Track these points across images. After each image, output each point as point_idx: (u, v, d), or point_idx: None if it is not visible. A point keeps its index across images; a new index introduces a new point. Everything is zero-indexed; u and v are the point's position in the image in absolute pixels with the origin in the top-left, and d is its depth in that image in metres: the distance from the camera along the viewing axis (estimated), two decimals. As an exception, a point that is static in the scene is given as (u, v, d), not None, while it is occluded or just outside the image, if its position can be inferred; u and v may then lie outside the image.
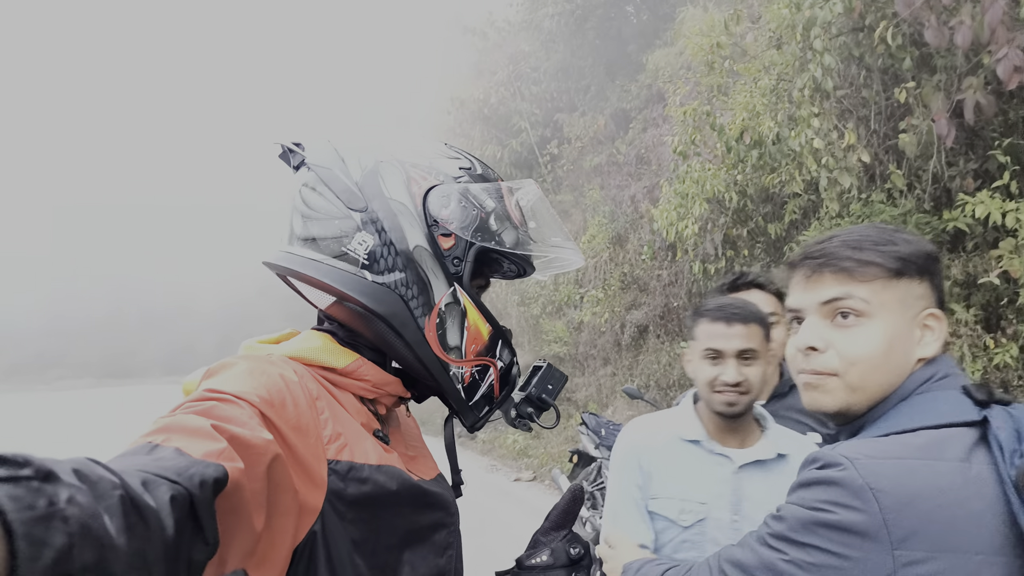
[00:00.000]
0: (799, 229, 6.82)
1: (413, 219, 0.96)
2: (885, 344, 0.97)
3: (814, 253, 1.03)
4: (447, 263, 0.97)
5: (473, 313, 0.98)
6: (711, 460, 1.64)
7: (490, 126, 15.94)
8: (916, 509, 0.83)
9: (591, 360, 11.05)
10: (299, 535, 0.79)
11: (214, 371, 0.84)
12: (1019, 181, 5.04)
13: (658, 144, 10.98)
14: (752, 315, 1.61)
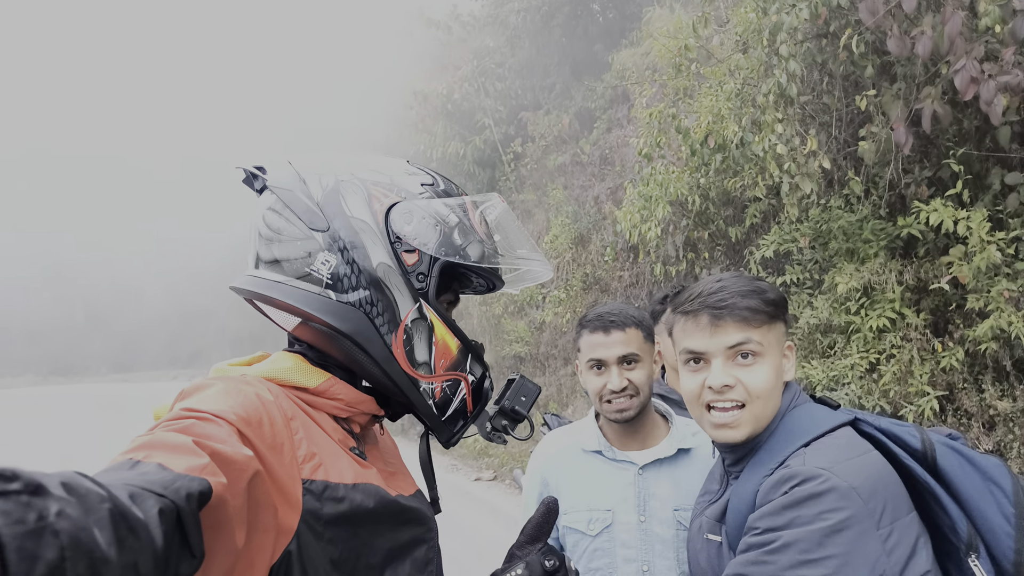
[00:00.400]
0: (759, 233, 6.91)
1: (376, 237, 0.96)
2: (775, 376, 1.22)
3: (713, 303, 1.21)
4: (412, 279, 0.97)
5: (440, 328, 0.98)
6: (614, 467, 1.69)
7: (453, 122, 15.81)
8: (878, 494, 1.05)
9: (552, 360, 11.05)
10: (275, 555, 0.77)
11: (188, 392, 0.83)
12: (971, 190, 5.18)
13: (622, 145, 11.03)
14: (630, 319, 1.64)
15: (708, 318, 1.21)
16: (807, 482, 1.05)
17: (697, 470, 1.65)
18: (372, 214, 0.97)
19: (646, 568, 1.63)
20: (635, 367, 1.65)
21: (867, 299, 5.63)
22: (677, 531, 1.62)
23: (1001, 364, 5.05)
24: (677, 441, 1.70)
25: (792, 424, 1.20)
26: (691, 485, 1.62)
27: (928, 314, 5.57)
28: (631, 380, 1.63)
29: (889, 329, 5.45)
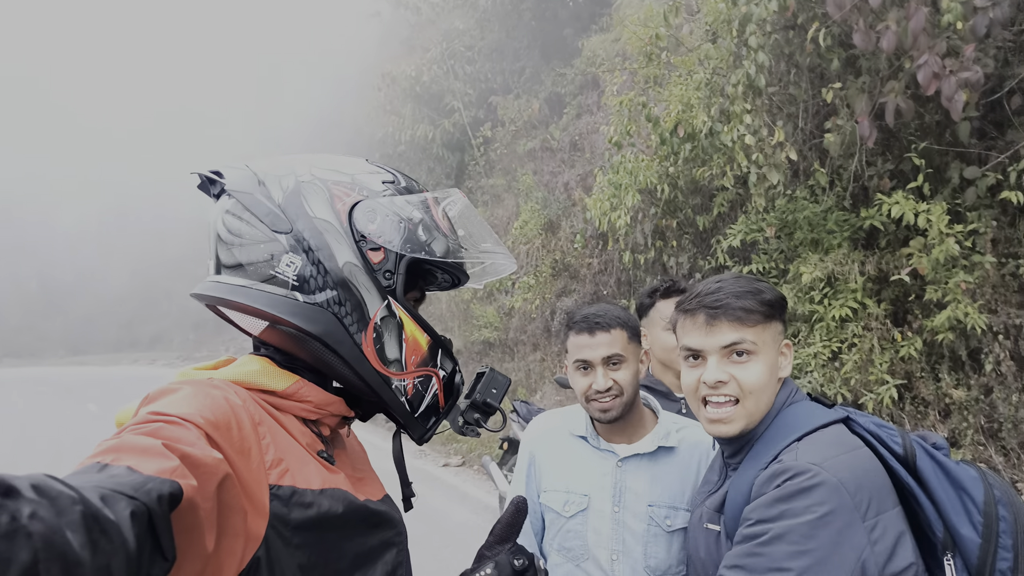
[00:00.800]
0: (726, 222, 6.99)
1: (340, 236, 0.95)
2: (768, 373, 1.28)
3: (710, 303, 1.28)
4: (379, 277, 0.96)
5: (410, 325, 0.98)
6: (596, 454, 1.74)
7: (422, 104, 15.63)
8: (864, 488, 1.12)
9: (521, 346, 11.08)
10: (244, 561, 0.77)
11: (154, 396, 0.82)
12: (931, 184, 5.30)
13: (592, 131, 11.03)
14: (615, 320, 1.68)
15: (704, 317, 1.29)
16: (798, 476, 1.11)
17: (677, 468, 1.70)
18: (335, 214, 0.96)
19: (615, 557, 1.67)
20: (620, 367, 1.67)
21: (830, 289, 5.75)
22: (648, 526, 1.65)
23: (957, 354, 5.21)
24: (659, 438, 1.72)
25: (787, 420, 1.27)
26: (669, 483, 1.67)
27: (888, 304, 5.71)
28: (616, 380, 1.66)
29: (851, 319, 5.58)
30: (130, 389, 20.35)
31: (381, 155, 16.36)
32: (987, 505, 1.17)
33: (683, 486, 1.69)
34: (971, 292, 5.01)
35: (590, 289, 9.73)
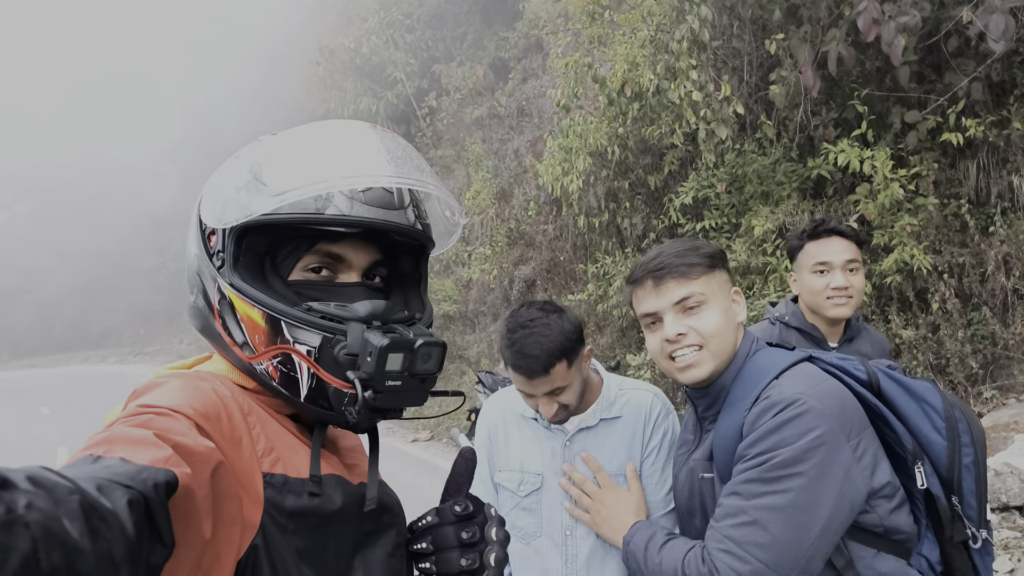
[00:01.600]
0: (677, 180, 7.02)
1: (193, 232, 0.94)
2: (724, 318, 1.35)
3: (653, 267, 1.36)
4: (213, 260, 0.90)
5: (239, 303, 0.87)
6: (546, 434, 1.79)
7: (363, 77, 15.26)
8: (846, 411, 1.22)
9: (481, 317, 11.06)
10: (242, 549, 0.76)
11: (142, 390, 0.81)
12: (874, 130, 5.39)
13: (539, 96, 10.93)
14: (551, 357, 1.57)
15: (652, 282, 1.37)
16: (789, 406, 1.20)
17: (622, 434, 1.76)
18: (195, 213, 0.95)
19: (568, 532, 1.73)
20: (563, 393, 1.64)
21: (782, 240, 5.84)
22: None
23: (905, 295, 5.36)
24: (602, 410, 1.77)
25: (758, 364, 1.34)
26: (615, 450, 1.73)
27: (838, 251, 5.82)
28: (560, 402, 1.65)
29: (802, 268, 5.68)
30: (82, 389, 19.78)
31: (325, 132, 15.93)
32: (946, 409, 1.33)
33: (629, 451, 1.74)
34: (916, 234, 5.14)
35: (547, 256, 9.72)
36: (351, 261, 0.92)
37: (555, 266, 9.60)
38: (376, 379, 0.83)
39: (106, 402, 1.09)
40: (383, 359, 0.83)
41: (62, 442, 11.03)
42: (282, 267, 0.91)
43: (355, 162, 0.87)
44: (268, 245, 0.90)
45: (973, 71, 4.84)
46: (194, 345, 25.06)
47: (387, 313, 0.90)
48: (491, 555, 0.93)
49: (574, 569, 1.72)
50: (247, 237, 0.88)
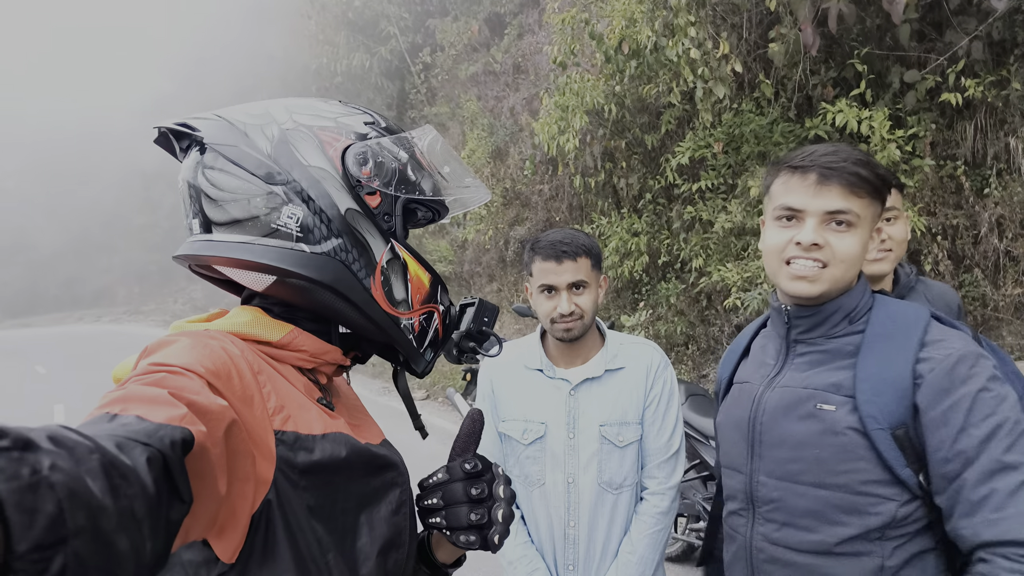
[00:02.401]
0: (674, 140, 6.97)
1: (337, 183, 0.95)
2: (862, 250, 1.25)
3: (824, 163, 1.21)
4: (379, 221, 0.97)
5: (413, 265, 1.00)
6: (550, 384, 1.85)
7: (356, 32, 14.94)
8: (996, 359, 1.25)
9: (477, 278, 11.08)
10: (255, 504, 0.79)
11: (153, 349, 0.81)
12: (873, 89, 5.34)
13: (535, 52, 10.74)
14: (580, 248, 1.76)
15: (816, 176, 1.22)
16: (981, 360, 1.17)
17: (625, 385, 1.83)
18: (329, 160, 0.95)
19: (571, 480, 1.80)
20: (583, 293, 1.77)
21: (778, 201, 5.83)
22: (601, 445, 1.79)
23: (899, 256, 5.38)
24: (606, 361, 1.84)
25: (895, 308, 1.28)
26: (618, 400, 1.81)
27: (833, 212, 5.82)
28: (578, 305, 1.76)
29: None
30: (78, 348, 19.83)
31: (317, 88, 15.69)
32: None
33: (632, 401, 1.82)
34: (911, 196, 5.14)
35: (542, 216, 9.70)
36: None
37: (551, 227, 9.57)
38: (484, 334, 1.11)
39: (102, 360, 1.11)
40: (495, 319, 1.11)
41: (59, 400, 11.14)
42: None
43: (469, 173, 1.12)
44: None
45: (974, 29, 4.78)
46: (188, 304, 25.07)
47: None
48: (499, 511, 0.98)
49: (576, 515, 1.80)
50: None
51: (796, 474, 1.26)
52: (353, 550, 0.91)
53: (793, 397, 1.29)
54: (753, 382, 1.39)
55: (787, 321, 1.33)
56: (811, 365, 1.30)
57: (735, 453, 1.39)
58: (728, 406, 1.47)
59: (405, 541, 1.00)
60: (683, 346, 7.11)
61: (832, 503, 1.21)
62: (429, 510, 1.00)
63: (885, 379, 1.19)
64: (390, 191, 0.98)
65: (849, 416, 1.20)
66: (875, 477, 1.18)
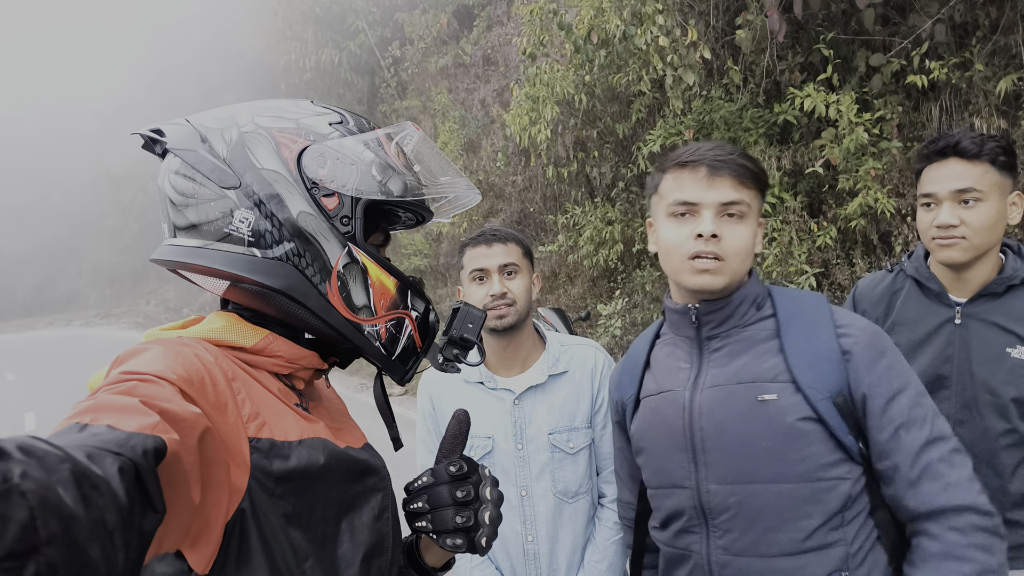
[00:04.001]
0: (645, 128, 6.98)
1: (291, 185, 0.93)
2: (753, 240, 1.29)
3: (712, 158, 1.25)
4: (336, 224, 0.94)
5: (374, 269, 0.96)
6: (492, 396, 1.78)
7: (323, 27, 14.77)
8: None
9: (452, 271, 11.03)
10: (229, 512, 0.78)
11: (124, 357, 0.81)
12: (839, 73, 5.39)
13: (504, 44, 10.71)
14: (510, 235, 1.78)
15: (707, 170, 1.26)
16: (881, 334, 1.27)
17: (570, 390, 1.77)
18: (283, 162, 0.93)
19: (524, 493, 1.74)
20: (515, 277, 1.75)
21: (749, 186, 5.87)
22: (552, 454, 1.73)
23: (869, 238, 5.45)
24: (549, 367, 1.78)
25: (790, 292, 1.35)
26: (564, 406, 1.75)
27: (804, 196, 5.89)
28: (510, 289, 1.73)
29: (770, 213, 5.74)
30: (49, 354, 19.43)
31: (287, 85, 15.50)
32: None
33: (578, 405, 1.76)
34: (880, 178, 5.21)
35: (516, 207, 9.68)
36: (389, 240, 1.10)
37: (525, 217, 9.57)
38: (468, 341, 1.05)
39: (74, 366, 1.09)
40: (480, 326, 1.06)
41: (30, 408, 10.90)
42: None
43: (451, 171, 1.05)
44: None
45: (937, 12, 4.84)
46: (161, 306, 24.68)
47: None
48: (485, 513, 0.97)
49: (533, 529, 1.74)
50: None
51: (749, 473, 1.22)
52: (334, 557, 0.90)
53: (727, 394, 1.26)
54: (675, 388, 1.33)
55: (695, 320, 1.32)
56: (731, 357, 1.29)
57: (672, 468, 1.31)
58: (648, 423, 1.37)
59: (388, 547, 0.99)
60: (660, 334, 7.14)
61: (793, 495, 1.19)
62: (415, 514, 1.00)
63: (815, 352, 1.23)
64: (347, 193, 0.94)
65: (793, 399, 1.20)
66: (828, 459, 1.19)
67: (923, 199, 1.67)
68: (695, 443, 1.27)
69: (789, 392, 1.21)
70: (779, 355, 1.24)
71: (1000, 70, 4.84)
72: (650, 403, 1.38)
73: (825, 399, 1.19)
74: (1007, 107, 4.91)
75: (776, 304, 1.32)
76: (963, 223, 1.59)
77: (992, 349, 1.60)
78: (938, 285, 1.70)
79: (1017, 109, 4.86)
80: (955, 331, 1.65)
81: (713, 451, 1.26)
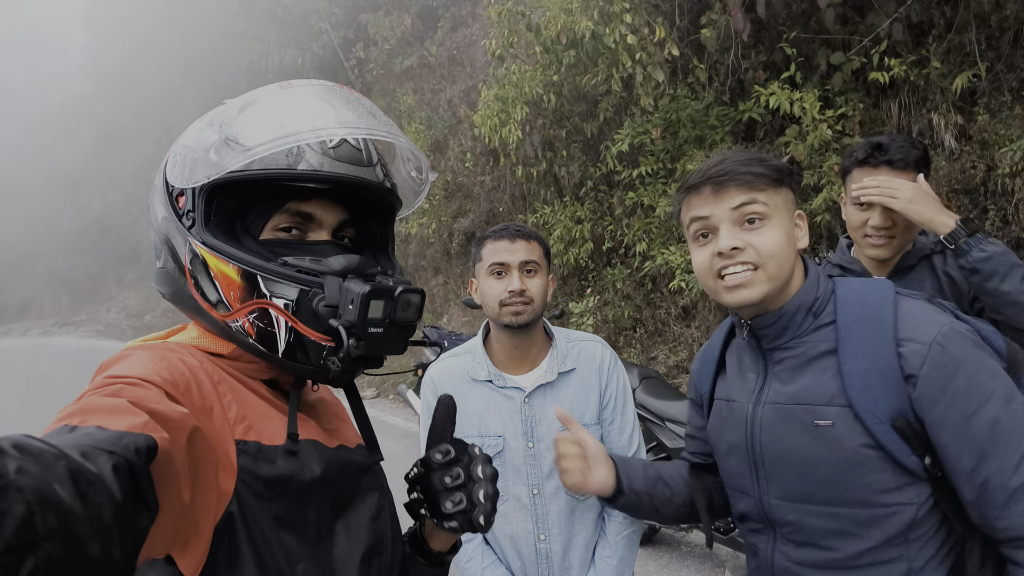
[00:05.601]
0: (612, 127, 7.04)
1: (159, 194, 0.93)
2: (786, 239, 1.19)
3: (714, 173, 1.19)
4: (183, 220, 0.90)
5: (212, 260, 0.87)
6: (501, 395, 1.76)
7: (286, 28, 14.56)
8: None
9: (422, 271, 10.99)
10: (218, 516, 0.77)
11: (108, 363, 0.81)
12: (802, 72, 5.50)
13: (470, 44, 10.69)
14: (533, 234, 1.77)
15: (710, 189, 1.20)
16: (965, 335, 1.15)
17: (579, 386, 1.76)
18: (160, 175, 0.95)
19: (536, 491, 1.73)
20: (534, 276, 1.73)
21: (716, 183, 5.94)
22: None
23: (834, 232, 5.57)
24: (557, 364, 1.77)
25: (858, 286, 1.24)
26: (574, 403, 1.74)
27: (769, 193, 5.98)
28: (529, 287, 1.70)
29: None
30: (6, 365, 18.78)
31: (249, 86, 15.13)
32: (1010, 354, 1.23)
33: (587, 402, 1.75)
34: (843, 174, 5.32)
35: (485, 208, 9.67)
36: (321, 220, 0.94)
37: (494, 217, 9.56)
38: (359, 327, 0.84)
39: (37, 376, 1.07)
40: (365, 306, 0.84)
41: (-12, 422, 10.56)
42: (252, 227, 0.92)
43: (325, 116, 0.87)
44: (238, 206, 0.92)
45: (894, 12, 4.96)
46: (122, 313, 24.08)
47: (361, 267, 0.91)
48: (479, 492, 0.96)
49: (545, 528, 1.72)
50: (217, 198, 0.89)
51: (808, 494, 1.19)
52: (330, 558, 0.89)
53: (786, 414, 1.21)
54: (740, 400, 1.31)
55: (747, 334, 1.28)
56: (792, 372, 1.23)
57: (739, 475, 1.31)
58: (719, 428, 1.36)
59: (388, 547, 0.98)
60: (631, 329, 7.20)
61: (850, 519, 1.15)
62: (414, 503, 1.00)
63: (873, 370, 1.14)
64: (180, 185, 0.89)
65: (850, 430, 1.14)
66: (890, 485, 1.13)
67: (858, 200, 1.80)
68: (755, 457, 1.26)
69: (845, 417, 1.15)
70: (836, 375, 1.17)
71: (956, 67, 4.98)
72: (720, 408, 1.37)
73: (882, 423, 1.12)
74: (963, 103, 5.05)
75: (838, 307, 1.22)
76: (894, 224, 1.75)
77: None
78: (860, 267, 1.89)
79: (973, 104, 5.01)
80: None
81: (772, 467, 1.24)
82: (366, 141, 0.94)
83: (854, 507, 1.15)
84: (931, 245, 1.84)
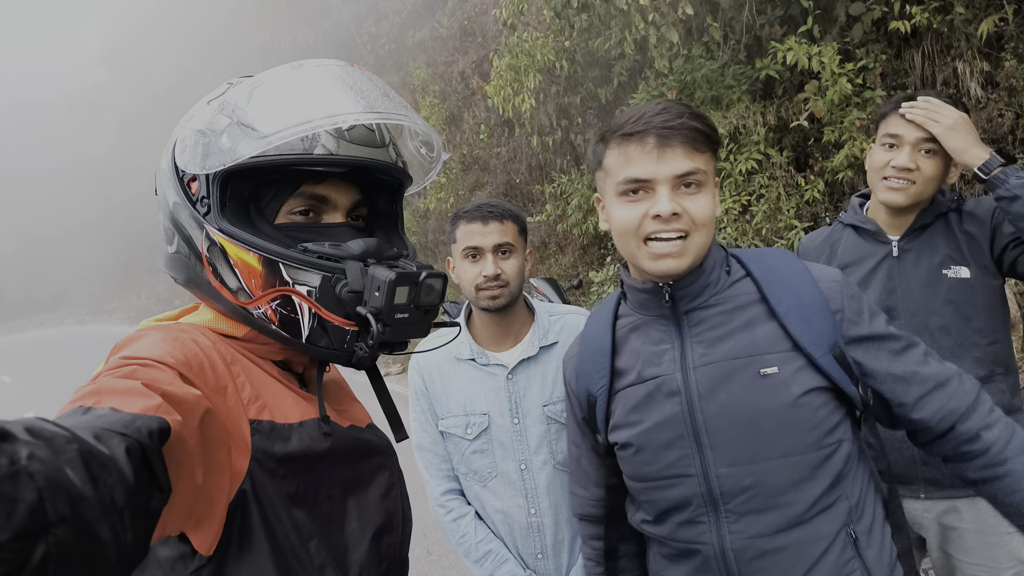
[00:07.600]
0: (627, 91, 6.92)
1: (169, 179, 0.92)
2: (714, 207, 1.17)
3: (661, 123, 1.10)
4: (197, 207, 0.90)
5: (232, 248, 0.87)
6: (485, 372, 1.76)
7: (298, 6, 14.52)
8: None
9: (442, 247, 11.01)
10: (231, 494, 0.78)
11: (123, 344, 0.81)
12: (820, 25, 5.34)
13: (481, 14, 10.55)
14: (506, 212, 1.71)
15: (655, 139, 1.11)
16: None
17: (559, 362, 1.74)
18: (167, 158, 0.94)
19: (523, 466, 1.73)
20: (509, 257, 1.70)
21: (735, 144, 5.84)
22: (548, 426, 1.72)
23: (857, 189, 5.44)
24: (539, 338, 1.76)
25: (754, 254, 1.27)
26: (557, 378, 1.73)
27: (790, 151, 5.86)
28: (504, 270, 1.68)
29: (757, 170, 5.72)
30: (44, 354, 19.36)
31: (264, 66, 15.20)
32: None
33: None
34: (865, 128, 5.18)
35: (502, 179, 9.62)
36: (335, 202, 0.95)
37: (511, 189, 9.52)
38: (386, 313, 0.85)
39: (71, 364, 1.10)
40: (392, 293, 0.85)
41: (29, 409, 10.90)
42: (267, 211, 0.92)
43: (339, 101, 0.87)
44: (251, 190, 0.91)
45: (916, -43, 4.78)
46: (152, 299, 24.58)
47: (379, 250, 0.92)
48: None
49: (535, 501, 1.73)
50: (231, 182, 0.88)
51: (764, 450, 1.14)
52: (342, 535, 0.90)
53: (726, 372, 1.17)
54: (664, 373, 1.22)
55: (668, 299, 1.21)
56: (717, 328, 1.20)
57: (673, 458, 1.20)
58: (639, 411, 1.24)
59: (399, 524, 1.00)
60: (653, 297, 7.16)
61: (806, 464, 1.13)
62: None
63: (805, 306, 1.16)
64: (192, 171, 0.88)
65: (796, 372, 1.14)
66: (832, 421, 1.14)
67: (888, 139, 1.75)
68: (697, 428, 1.17)
69: (790, 360, 1.14)
70: (771, 319, 1.17)
71: (981, 11, 4.79)
72: (633, 394, 1.26)
73: (827, 354, 1.14)
74: (989, 49, 4.87)
75: (745, 263, 1.24)
76: (919, 169, 1.70)
77: (930, 273, 1.73)
78: (874, 225, 1.83)
79: (999, 50, 4.83)
80: (894, 264, 1.78)
81: (719, 433, 1.16)
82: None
83: (808, 451, 1.14)
84: (948, 203, 1.78)
